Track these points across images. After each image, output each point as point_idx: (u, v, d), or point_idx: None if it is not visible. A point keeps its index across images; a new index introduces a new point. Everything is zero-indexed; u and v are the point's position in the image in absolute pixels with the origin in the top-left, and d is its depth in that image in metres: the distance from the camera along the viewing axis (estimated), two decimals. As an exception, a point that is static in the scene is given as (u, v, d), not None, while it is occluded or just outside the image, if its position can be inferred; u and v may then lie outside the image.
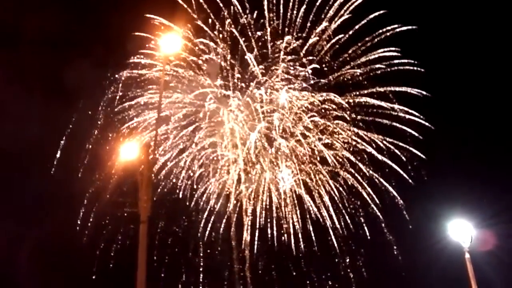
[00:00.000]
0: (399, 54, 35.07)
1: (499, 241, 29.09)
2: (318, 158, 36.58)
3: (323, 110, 36.67)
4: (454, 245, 21.70)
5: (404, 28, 35.08)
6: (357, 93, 36.08)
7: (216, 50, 36.63)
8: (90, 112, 34.79)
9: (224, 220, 36.48)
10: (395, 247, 34.61)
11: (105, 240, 33.80)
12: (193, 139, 36.28)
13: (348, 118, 36.10)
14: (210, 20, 36.24)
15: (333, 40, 36.11)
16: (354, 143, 36.01)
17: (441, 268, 30.73)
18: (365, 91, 35.96)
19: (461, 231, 21.22)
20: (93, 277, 33.97)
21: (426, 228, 33.12)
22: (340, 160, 36.30)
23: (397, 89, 35.51)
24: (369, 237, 35.09)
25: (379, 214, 35.03)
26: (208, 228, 35.99)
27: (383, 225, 35.00)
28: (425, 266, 32.53)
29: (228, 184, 36.61)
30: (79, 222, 33.10)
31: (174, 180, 35.85)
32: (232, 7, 36.04)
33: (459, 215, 21.90)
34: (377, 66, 35.49)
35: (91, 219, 33.10)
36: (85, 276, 33.73)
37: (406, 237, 34.25)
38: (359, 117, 35.89)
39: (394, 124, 35.16)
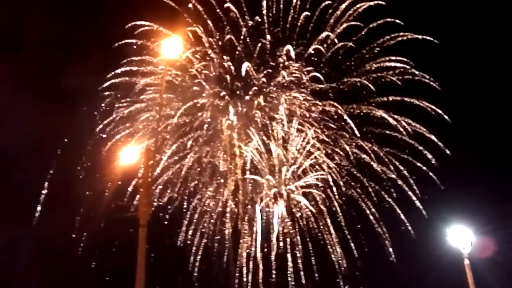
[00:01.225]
0: (408, 67, 34.97)
1: (499, 247, 29.12)
2: (317, 167, 36.49)
3: (324, 119, 36.49)
4: (454, 251, 21.68)
5: (416, 36, 34.81)
6: (361, 103, 35.92)
7: (215, 57, 36.70)
8: (88, 117, 34.85)
9: (221, 229, 36.16)
10: (393, 254, 34.60)
11: (103, 244, 33.64)
12: (190, 148, 36.13)
13: (347, 128, 35.92)
14: (209, 28, 36.44)
15: (335, 47, 36.15)
16: (354, 154, 35.86)
17: (441, 274, 30.66)
18: (369, 101, 35.87)
19: (461, 237, 21.22)
20: (91, 278, 33.72)
21: (425, 234, 33.13)
22: (339, 170, 36.18)
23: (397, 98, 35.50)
24: (366, 249, 35.04)
25: (375, 222, 34.99)
26: (204, 240, 35.63)
27: (385, 237, 34.93)
28: (425, 272, 32.44)
29: (226, 195, 36.29)
30: (77, 226, 33.11)
31: (169, 190, 35.58)
32: (231, 14, 36.21)
33: (459, 221, 21.92)
34: (383, 75, 35.40)
35: (88, 222, 33.05)
36: (83, 280, 33.51)
37: (405, 243, 34.12)
38: (359, 127, 35.74)
39: (396, 135, 35.22)
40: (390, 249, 34.37)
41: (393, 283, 34.30)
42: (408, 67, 35.09)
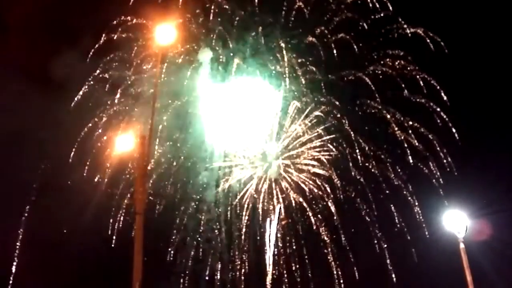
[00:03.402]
0: (411, 67, 34.63)
1: (494, 231, 29.42)
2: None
3: (319, 113, 36.20)
4: (449, 235, 21.83)
5: (412, 30, 34.50)
6: (358, 97, 35.68)
7: (206, 49, 36.44)
8: (77, 110, 34.51)
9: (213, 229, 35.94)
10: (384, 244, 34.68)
11: (100, 232, 33.38)
12: (182, 143, 35.88)
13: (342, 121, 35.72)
14: (199, 19, 36.24)
15: (330, 40, 35.60)
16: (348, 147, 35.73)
17: (436, 259, 30.90)
18: (367, 96, 35.57)
19: (456, 221, 21.34)
20: (87, 267, 33.42)
21: (421, 219, 33.39)
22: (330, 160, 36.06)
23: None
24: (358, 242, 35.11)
25: (368, 217, 35.05)
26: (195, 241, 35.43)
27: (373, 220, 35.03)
28: (420, 256, 32.75)
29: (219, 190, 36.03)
30: (73, 214, 32.72)
31: (159, 192, 35.25)
32: (222, 4, 35.93)
33: (454, 205, 22.09)
34: (382, 71, 35.08)
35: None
36: (79, 270, 33.29)
37: (400, 228, 34.29)
38: (355, 121, 35.54)
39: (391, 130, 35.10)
40: (383, 242, 34.59)
41: (388, 269, 34.48)
42: (411, 66, 34.78)
